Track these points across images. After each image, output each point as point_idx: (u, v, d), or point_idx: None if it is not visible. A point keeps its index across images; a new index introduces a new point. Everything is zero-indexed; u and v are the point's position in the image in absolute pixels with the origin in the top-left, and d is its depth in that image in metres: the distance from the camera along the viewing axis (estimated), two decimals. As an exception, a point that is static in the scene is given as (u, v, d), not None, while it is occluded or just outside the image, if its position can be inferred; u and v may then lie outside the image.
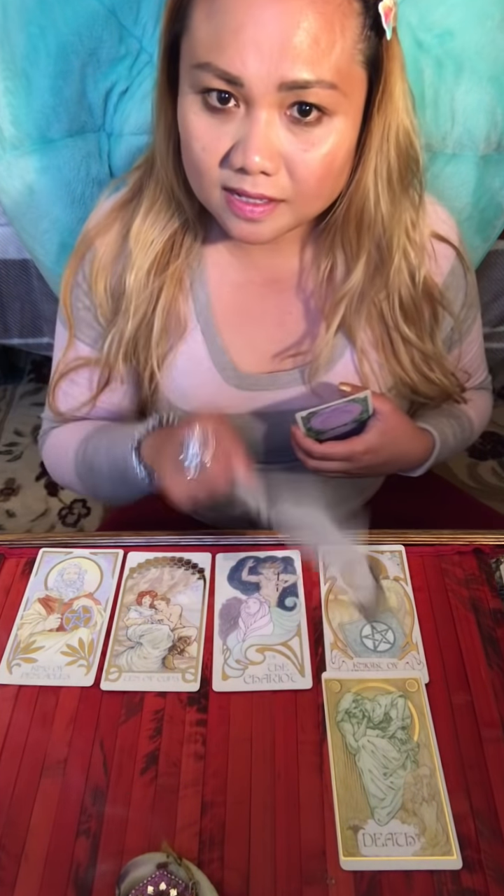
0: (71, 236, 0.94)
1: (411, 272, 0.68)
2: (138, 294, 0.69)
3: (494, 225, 0.95)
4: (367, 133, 0.58)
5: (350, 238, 0.66)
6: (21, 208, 0.92)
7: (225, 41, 0.51)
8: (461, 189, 0.89)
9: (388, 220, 0.64)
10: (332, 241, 0.67)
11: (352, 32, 0.52)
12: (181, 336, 0.72)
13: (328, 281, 0.70)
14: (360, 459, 0.70)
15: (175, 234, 0.68)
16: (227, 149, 0.55)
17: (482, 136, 0.85)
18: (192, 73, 0.54)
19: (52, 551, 0.71)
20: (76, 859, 0.50)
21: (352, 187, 0.62)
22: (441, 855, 0.50)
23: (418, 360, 0.72)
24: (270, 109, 0.53)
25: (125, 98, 0.85)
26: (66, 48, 0.80)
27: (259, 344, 0.74)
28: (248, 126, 0.53)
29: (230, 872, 0.49)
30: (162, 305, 0.69)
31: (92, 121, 0.86)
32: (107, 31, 0.80)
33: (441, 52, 0.79)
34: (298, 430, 0.69)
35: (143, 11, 0.80)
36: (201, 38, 0.52)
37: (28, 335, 1.42)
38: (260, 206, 0.57)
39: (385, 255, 0.67)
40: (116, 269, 0.70)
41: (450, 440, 0.80)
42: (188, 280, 0.71)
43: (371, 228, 0.64)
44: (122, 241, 0.70)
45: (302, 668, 0.60)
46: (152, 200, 0.67)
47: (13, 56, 0.80)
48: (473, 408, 0.85)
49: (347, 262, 0.68)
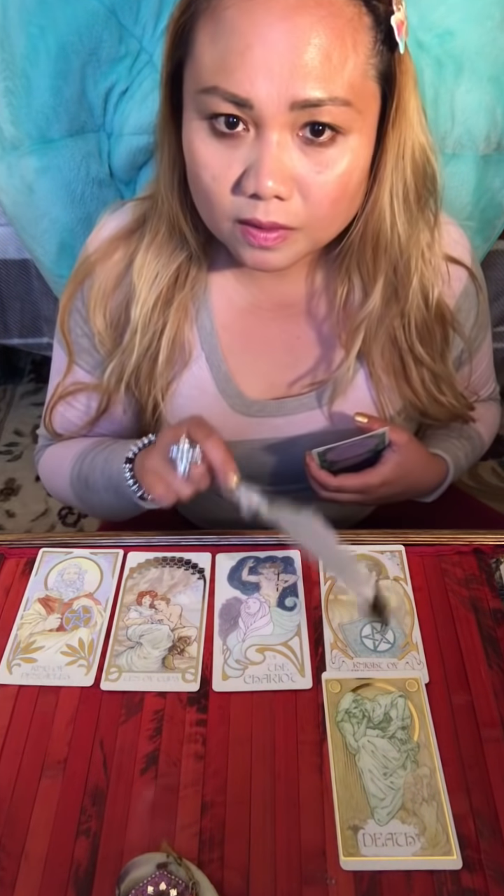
0: (71, 236, 0.94)
1: (425, 294, 0.67)
2: (144, 328, 0.67)
3: (494, 225, 0.95)
4: (381, 151, 0.57)
5: (367, 261, 0.64)
6: (21, 208, 0.92)
7: (232, 63, 0.49)
8: (461, 189, 0.89)
9: (405, 242, 0.63)
10: (349, 264, 0.65)
11: (364, 47, 0.50)
12: (185, 364, 0.71)
13: (344, 306, 0.68)
14: (375, 491, 0.70)
15: (180, 266, 0.67)
16: (238, 175, 0.53)
17: (482, 136, 0.85)
18: (197, 99, 0.52)
19: (52, 551, 0.71)
20: (76, 859, 0.50)
21: (367, 208, 0.60)
22: (441, 855, 0.50)
23: (429, 382, 0.71)
24: (282, 131, 0.51)
25: (125, 98, 0.85)
26: (66, 48, 0.80)
27: (266, 370, 0.72)
28: (258, 149, 0.52)
29: (230, 872, 0.49)
30: (167, 336, 0.68)
31: (92, 121, 0.86)
32: (107, 31, 0.80)
33: (441, 52, 0.80)
34: (312, 461, 0.69)
35: (143, 11, 0.80)
36: (206, 62, 0.50)
37: (28, 335, 1.42)
38: (274, 232, 0.55)
39: (402, 277, 0.65)
40: (117, 297, 0.69)
41: (462, 462, 0.80)
42: (193, 308, 0.70)
43: (388, 250, 0.63)
44: (123, 271, 0.68)
45: (302, 668, 0.60)
46: (155, 233, 0.65)
47: (13, 56, 0.80)
48: (482, 421, 0.84)
49: (364, 285, 0.66)
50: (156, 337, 0.68)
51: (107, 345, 0.71)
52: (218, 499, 0.84)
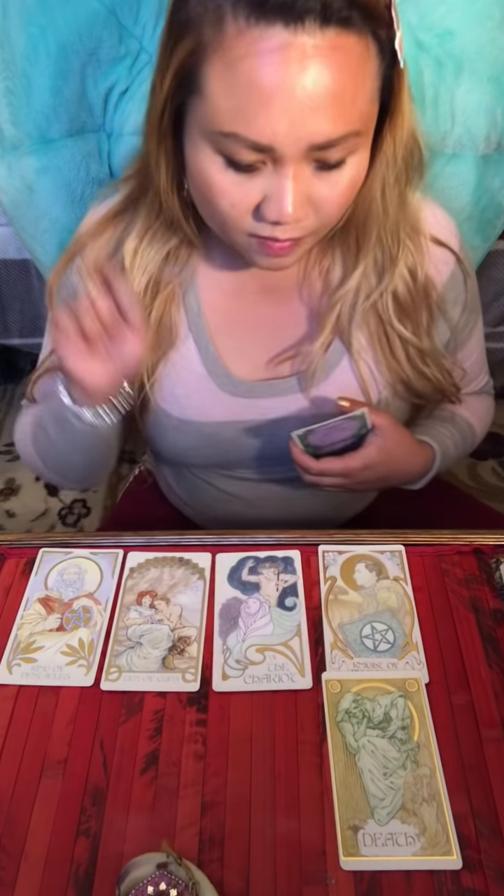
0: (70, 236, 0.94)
1: (412, 272, 0.68)
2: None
3: (494, 225, 0.95)
4: (377, 148, 0.58)
5: (350, 240, 0.66)
6: (21, 208, 0.92)
7: (252, 112, 0.50)
8: (461, 189, 0.88)
9: (393, 221, 0.64)
10: (332, 241, 0.67)
11: (371, 75, 0.52)
12: (172, 345, 0.72)
13: (324, 282, 0.70)
14: (357, 475, 0.70)
15: (170, 251, 0.68)
16: (257, 202, 0.55)
17: (482, 136, 0.85)
18: (213, 137, 0.53)
19: (52, 551, 0.71)
20: (76, 859, 0.50)
21: (360, 192, 0.61)
22: (441, 855, 0.50)
23: (413, 355, 0.72)
24: (298, 164, 0.53)
25: (125, 98, 0.85)
26: (66, 48, 0.80)
27: (255, 350, 0.73)
28: (277, 180, 0.53)
29: (230, 872, 0.49)
30: (153, 318, 0.69)
31: (92, 121, 0.86)
32: (107, 31, 0.80)
33: (441, 52, 0.80)
34: (296, 446, 0.69)
35: (143, 11, 0.80)
36: (223, 109, 0.51)
37: (28, 335, 1.42)
38: (288, 243, 0.58)
39: (390, 256, 0.66)
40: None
41: (451, 450, 0.80)
42: (180, 290, 0.71)
43: (378, 230, 0.64)
44: (112, 251, 0.69)
45: (302, 668, 0.60)
46: (148, 223, 0.66)
47: (13, 56, 0.80)
48: (474, 413, 0.85)
49: (345, 263, 0.68)
50: (143, 317, 0.68)
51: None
52: (217, 494, 0.85)
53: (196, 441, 0.76)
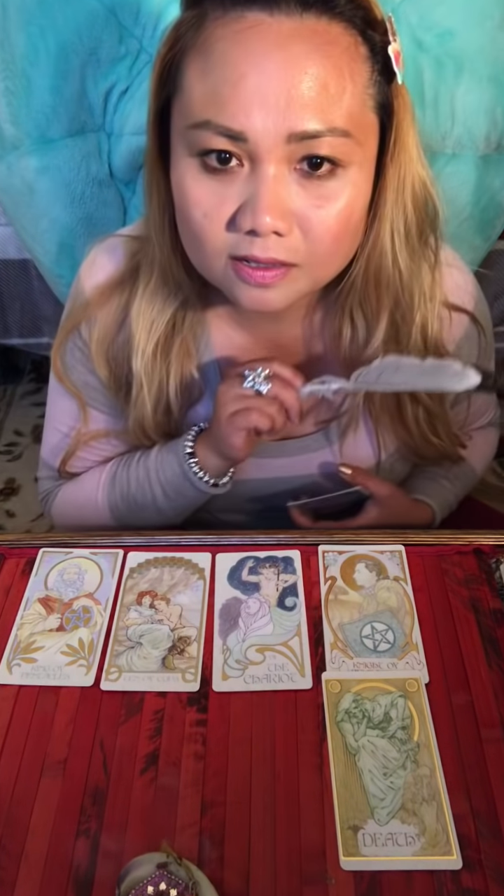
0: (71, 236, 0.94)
1: (424, 334, 0.65)
2: (148, 376, 0.67)
3: (494, 225, 0.95)
4: (381, 186, 0.55)
5: (370, 300, 0.62)
6: (21, 208, 0.92)
7: (225, 95, 0.47)
8: (461, 189, 0.89)
9: (407, 279, 0.61)
10: (351, 304, 0.63)
11: (361, 77, 0.49)
12: (198, 399, 0.71)
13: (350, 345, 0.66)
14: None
15: (176, 312, 0.65)
16: (233, 212, 0.51)
17: (482, 136, 0.85)
18: (187, 135, 0.50)
19: (52, 551, 0.71)
20: (76, 859, 0.50)
21: (368, 245, 0.58)
22: (441, 855, 0.50)
23: (423, 421, 0.70)
24: (278, 164, 0.49)
25: (125, 98, 0.85)
26: (66, 48, 0.80)
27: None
28: (254, 184, 0.49)
29: (230, 872, 0.49)
30: (174, 381, 0.67)
31: (92, 121, 0.86)
32: (107, 31, 0.80)
33: (441, 52, 0.80)
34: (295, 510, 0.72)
35: (143, 11, 0.81)
36: (197, 96, 0.48)
37: (28, 335, 1.42)
38: (272, 270, 0.53)
39: (405, 316, 0.63)
40: (117, 343, 0.68)
41: (451, 502, 0.81)
42: (195, 349, 0.69)
43: (390, 288, 0.61)
44: (120, 316, 0.67)
45: (302, 668, 0.60)
46: (147, 281, 0.64)
47: (13, 56, 0.80)
48: (476, 453, 0.83)
49: (368, 325, 0.64)
50: (164, 384, 0.67)
51: (113, 389, 0.70)
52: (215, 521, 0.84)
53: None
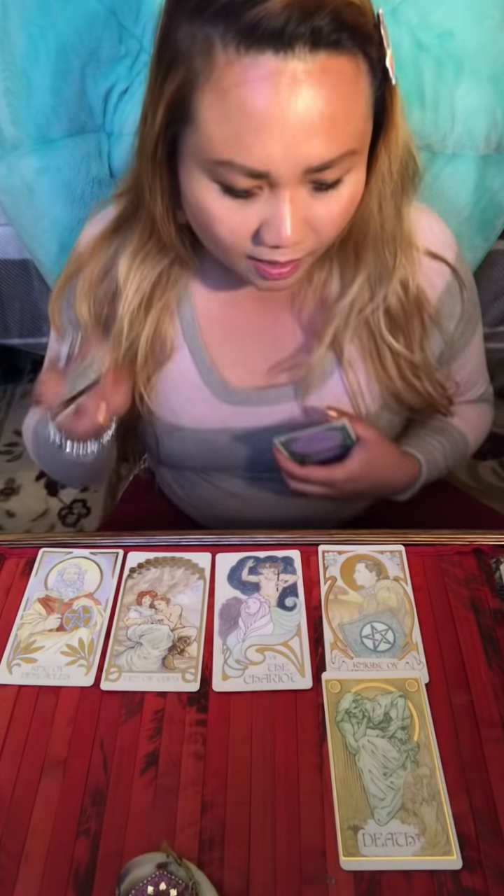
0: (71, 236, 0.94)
1: (404, 283, 0.68)
2: (130, 326, 0.69)
3: (494, 225, 0.95)
4: (373, 163, 0.58)
5: (348, 255, 0.66)
6: (21, 208, 0.92)
7: (247, 140, 0.50)
8: (461, 189, 0.89)
9: (390, 235, 0.64)
10: (332, 256, 0.66)
11: (365, 95, 0.52)
12: (168, 356, 0.72)
13: (320, 296, 0.70)
14: (340, 486, 0.71)
15: (164, 269, 0.68)
16: (255, 227, 0.55)
17: (482, 136, 0.85)
18: (207, 166, 0.53)
19: (52, 551, 0.71)
20: (76, 859, 0.50)
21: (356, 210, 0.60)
22: (441, 855, 0.50)
23: (405, 368, 0.72)
24: (295, 187, 0.53)
25: (125, 98, 0.85)
26: (66, 48, 0.80)
27: (250, 359, 0.73)
28: (275, 205, 0.53)
29: (230, 872, 0.49)
30: (146, 334, 0.70)
31: (92, 121, 0.86)
32: (107, 31, 0.80)
33: (441, 52, 0.80)
34: (280, 452, 0.70)
35: (143, 11, 0.80)
36: (217, 137, 0.51)
37: (28, 335, 1.42)
38: (288, 266, 0.58)
39: (385, 270, 0.66)
40: (101, 290, 0.70)
41: (440, 462, 0.80)
42: (174, 302, 0.71)
43: (374, 244, 0.64)
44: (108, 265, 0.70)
45: (302, 668, 0.60)
46: (142, 243, 0.66)
47: (13, 56, 0.80)
48: (467, 423, 0.84)
49: (343, 276, 0.68)
50: (139, 335, 0.70)
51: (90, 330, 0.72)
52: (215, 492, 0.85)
53: (192, 447, 0.77)
